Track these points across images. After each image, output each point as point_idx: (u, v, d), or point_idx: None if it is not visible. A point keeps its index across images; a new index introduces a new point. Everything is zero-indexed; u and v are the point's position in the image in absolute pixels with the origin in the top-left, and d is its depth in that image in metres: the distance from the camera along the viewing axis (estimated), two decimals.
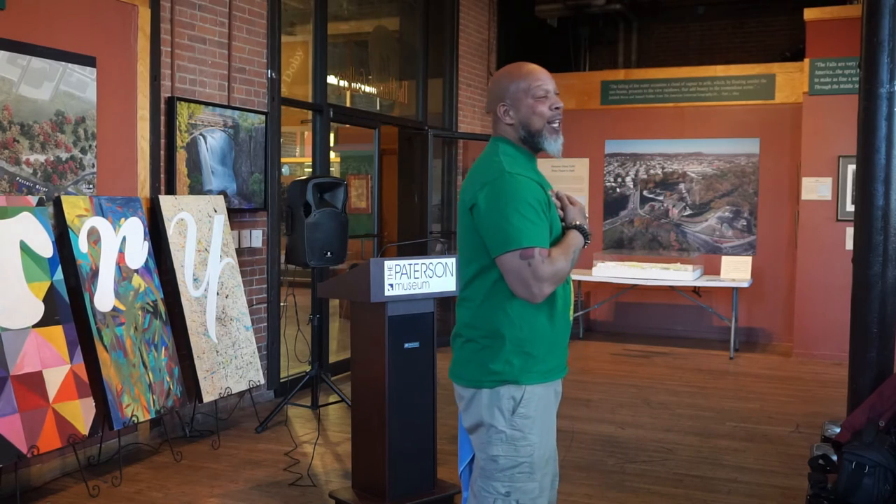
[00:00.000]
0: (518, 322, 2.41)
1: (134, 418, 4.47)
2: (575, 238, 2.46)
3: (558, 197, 2.53)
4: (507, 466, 2.43)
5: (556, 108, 2.49)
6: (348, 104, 7.61)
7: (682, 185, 8.82)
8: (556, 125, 2.50)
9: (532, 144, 2.51)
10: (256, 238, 5.80)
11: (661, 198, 8.91)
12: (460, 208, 2.50)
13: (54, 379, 4.03)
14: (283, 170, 6.99)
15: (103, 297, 4.45)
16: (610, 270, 8.13)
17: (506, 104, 2.50)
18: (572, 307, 2.58)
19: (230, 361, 5.16)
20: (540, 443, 2.46)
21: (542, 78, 2.50)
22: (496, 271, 2.41)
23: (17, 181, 4.16)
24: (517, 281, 2.34)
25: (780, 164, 8.42)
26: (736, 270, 7.98)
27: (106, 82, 4.65)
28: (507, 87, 2.51)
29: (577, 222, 2.50)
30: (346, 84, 7.58)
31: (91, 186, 4.58)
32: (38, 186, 4.27)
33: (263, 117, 5.80)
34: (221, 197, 5.38)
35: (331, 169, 6.90)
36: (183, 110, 5.13)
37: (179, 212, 5.00)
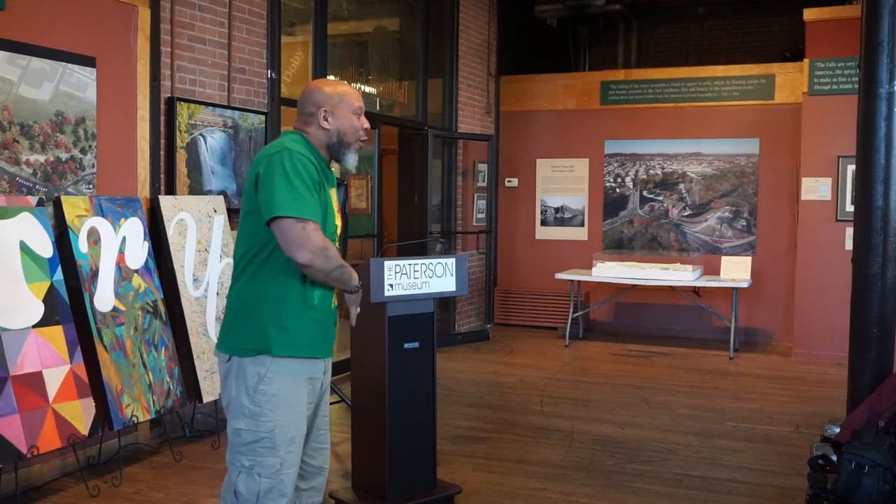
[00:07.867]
0: (278, 295, 2.57)
1: (134, 418, 4.47)
2: (353, 279, 2.69)
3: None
4: (249, 440, 2.58)
5: (366, 128, 2.71)
6: None
7: (681, 186, 8.82)
8: (361, 143, 2.71)
9: (335, 152, 2.68)
10: None
11: (660, 198, 8.91)
12: (246, 189, 2.62)
13: (54, 379, 4.03)
14: None
15: (103, 298, 4.45)
16: (610, 270, 8.13)
17: (327, 109, 2.64)
18: (335, 296, 2.73)
19: None
20: (283, 420, 2.59)
21: (358, 98, 2.71)
22: (268, 249, 2.56)
23: (17, 181, 4.16)
24: (292, 242, 2.47)
25: (780, 165, 8.42)
26: (736, 270, 7.98)
27: (106, 82, 4.65)
28: (331, 95, 2.66)
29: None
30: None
31: (91, 186, 4.58)
32: (38, 187, 4.27)
33: (263, 117, 5.80)
34: (221, 197, 5.38)
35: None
36: (183, 110, 5.13)
37: (179, 212, 5.00)
